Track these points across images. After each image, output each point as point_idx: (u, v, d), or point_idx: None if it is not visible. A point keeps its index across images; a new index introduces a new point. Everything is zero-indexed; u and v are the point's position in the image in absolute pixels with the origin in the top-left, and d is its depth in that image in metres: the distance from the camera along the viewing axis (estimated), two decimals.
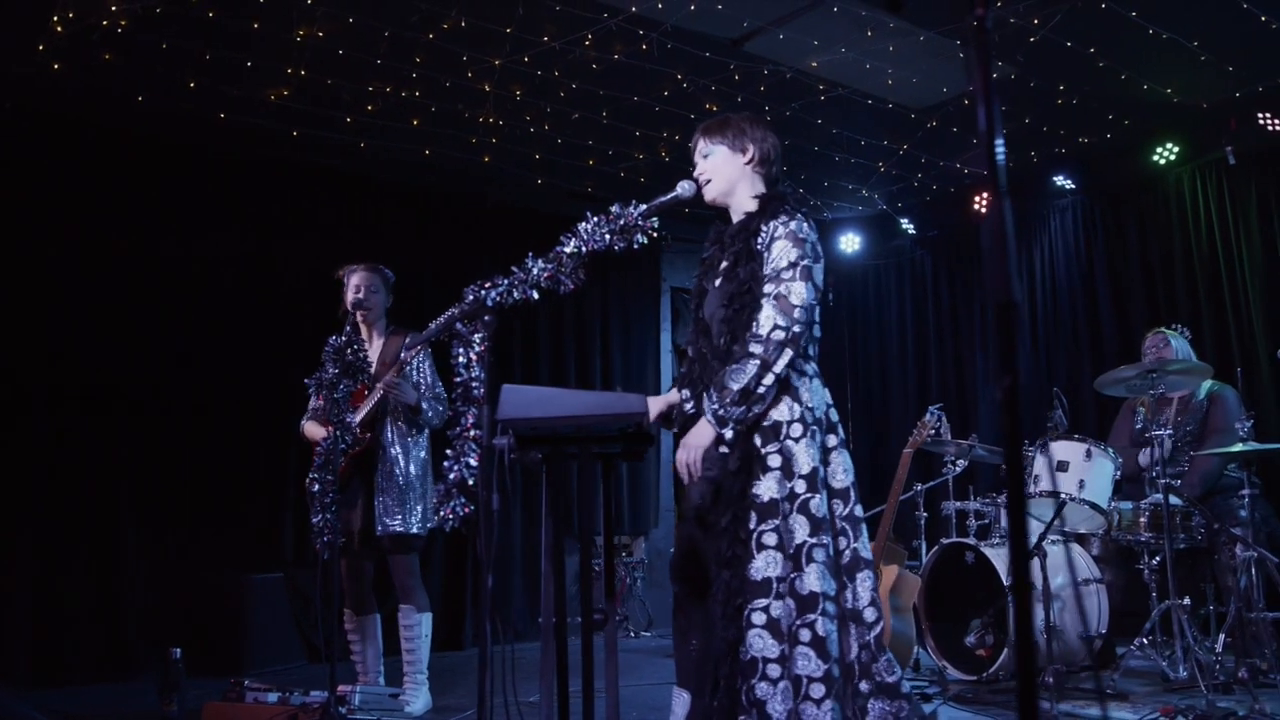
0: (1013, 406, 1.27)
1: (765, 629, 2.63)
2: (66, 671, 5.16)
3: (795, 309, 2.72)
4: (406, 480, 4.24)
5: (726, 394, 2.70)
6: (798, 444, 2.72)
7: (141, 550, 5.54)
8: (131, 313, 5.65)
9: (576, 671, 2.84)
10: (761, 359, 2.69)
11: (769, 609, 2.63)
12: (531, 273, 2.98)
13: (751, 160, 2.99)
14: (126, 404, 5.58)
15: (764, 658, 2.62)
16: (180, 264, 5.84)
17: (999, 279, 1.27)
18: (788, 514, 2.68)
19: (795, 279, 2.73)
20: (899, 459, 4.97)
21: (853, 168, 7.02)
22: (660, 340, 7.89)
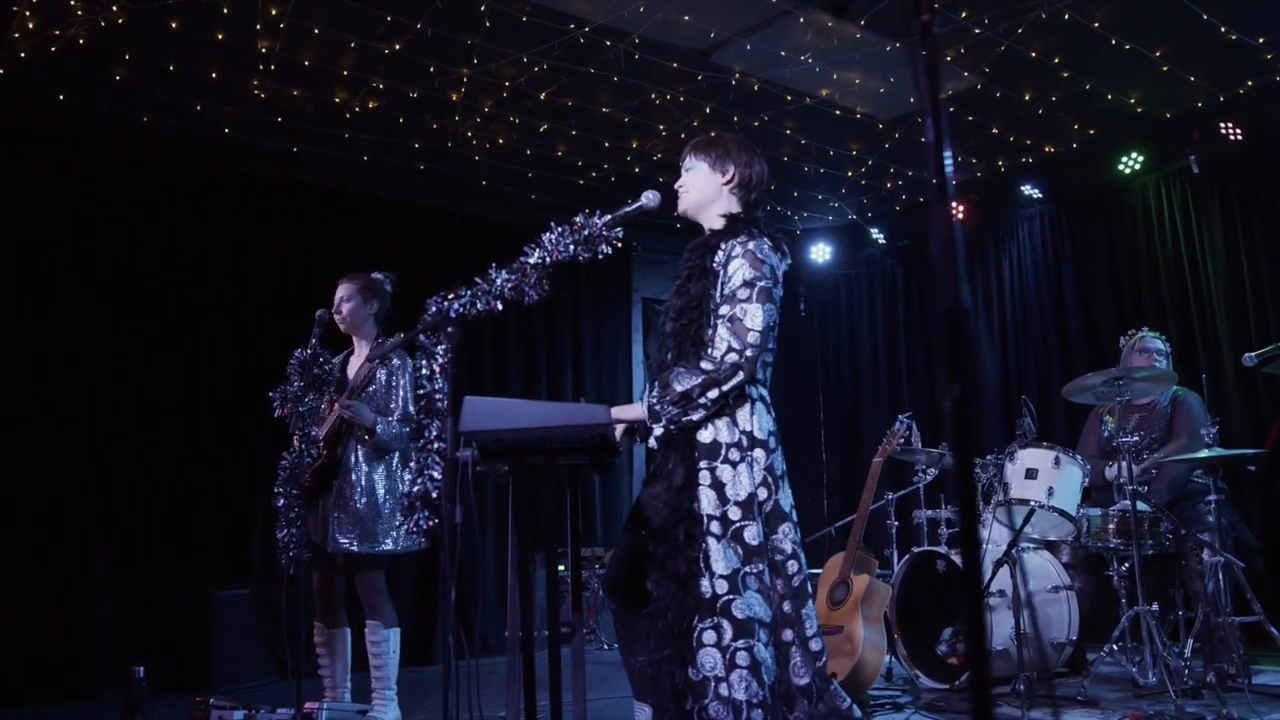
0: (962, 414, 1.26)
1: (714, 648, 2.60)
2: (30, 691, 5.07)
3: (750, 333, 2.67)
4: (368, 500, 4.10)
5: (667, 392, 2.67)
6: (734, 468, 2.67)
7: (107, 567, 5.45)
8: (96, 328, 5.58)
9: (544, 685, 2.82)
10: (710, 375, 2.66)
11: (718, 628, 2.61)
12: (495, 284, 2.97)
13: (730, 182, 2.96)
14: (92, 419, 5.51)
15: (715, 677, 2.59)
16: (145, 279, 5.78)
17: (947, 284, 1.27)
18: (720, 536, 2.64)
19: (751, 300, 2.68)
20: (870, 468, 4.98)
21: (822, 178, 7.04)
22: (632, 350, 7.87)
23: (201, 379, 5.84)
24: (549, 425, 2.56)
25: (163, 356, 5.75)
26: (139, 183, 5.81)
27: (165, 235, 5.86)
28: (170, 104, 5.51)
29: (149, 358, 5.71)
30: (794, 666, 2.69)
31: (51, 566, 5.28)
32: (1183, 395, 4.99)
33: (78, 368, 5.49)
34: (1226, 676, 4.21)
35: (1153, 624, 4.19)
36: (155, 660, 4.16)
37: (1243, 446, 5.04)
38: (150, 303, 5.76)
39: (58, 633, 5.24)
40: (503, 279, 2.97)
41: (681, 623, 2.63)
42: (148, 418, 5.67)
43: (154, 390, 5.70)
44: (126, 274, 5.71)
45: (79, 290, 5.55)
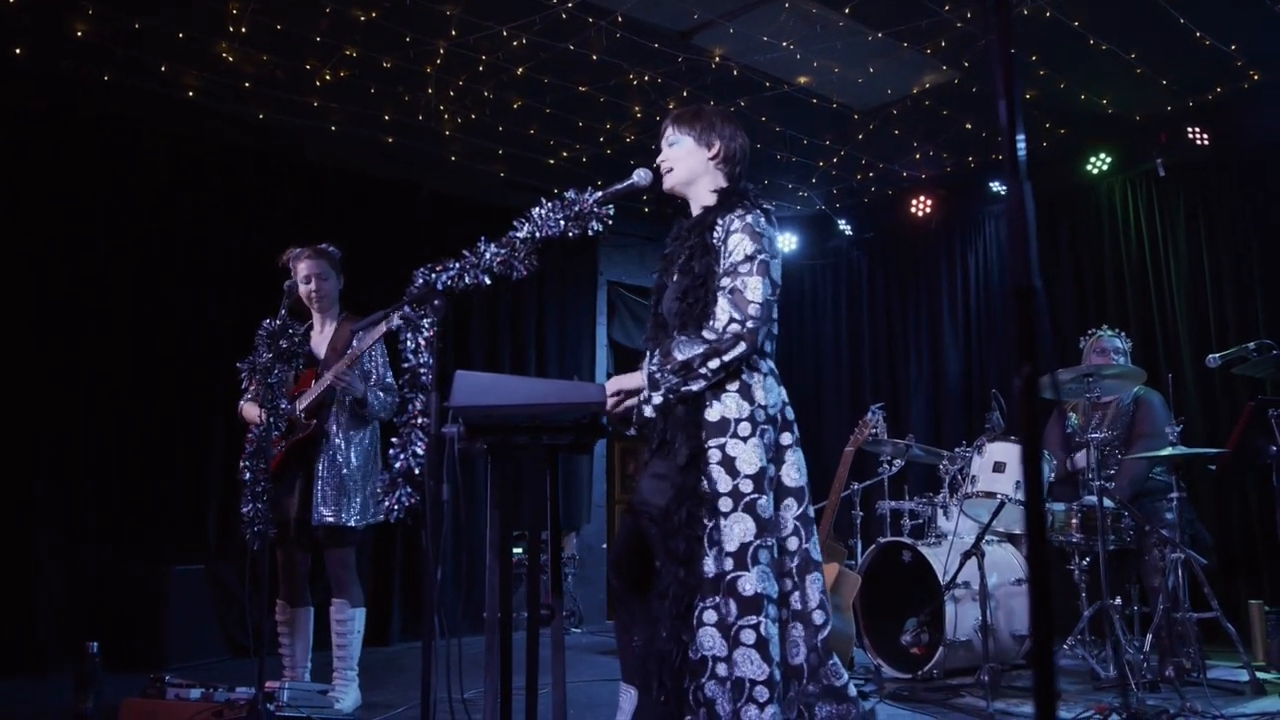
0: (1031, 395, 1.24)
1: (714, 628, 2.59)
2: None
3: (750, 304, 2.65)
4: (348, 471, 4.13)
5: (668, 360, 2.66)
6: (745, 443, 2.66)
7: (55, 540, 5.27)
8: (42, 294, 5.37)
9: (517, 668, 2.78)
10: (711, 345, 2.64)
11: (719, 607, 2.59)
12: (484, 257, 2.92)
13: (716, 156, 2.94)
14: (40, 387, 5.31)
15: (714, 656, 2.58)
16: (100, 247, 5.58)
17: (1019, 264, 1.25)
18: (730, 511, 2.64)
19: (752, 273, 2.67)
20: (835, 458, 4.99)
21: (793, 166, 7.04)
22: (596, 333, 7.82)
23: (156, 348, 5.66)
24: (544, 402, 2.51)
25: (115, 324, 5.56)
26: (95, 144, 5.60)
27: (122, 199, 5.66)
28: (133, 63, 5.33)
29: (100, 326, 5.52)
30: (790, 643, 2.69)
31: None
32: (1144, 394, 5.06)
33: (23, 335, 5.29)
34: (1184, 671, 4.29)
35: (1116, 618, 4.24)
36: (106, 636, 4.02)
37: (1201, 446, 5.13)
38: (103, 270, 5.56)
39: (4, 607, 5.07)
40: (491, 253, 2.92)
41: (683, 602, 2.62)
42: (99, 387, 5.48)
43: (106, 359, 5.52)
44: (77, 239, 5.50)
45: (23, 255, 5.33)
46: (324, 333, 4.32)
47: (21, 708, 4.26)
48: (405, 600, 6.43)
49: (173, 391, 5.67)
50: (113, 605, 5.27)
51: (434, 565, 2.60)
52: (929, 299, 7.59)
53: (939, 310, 7.49)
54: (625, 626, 2.95)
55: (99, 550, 5.37)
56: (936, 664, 4.56)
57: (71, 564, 5.28)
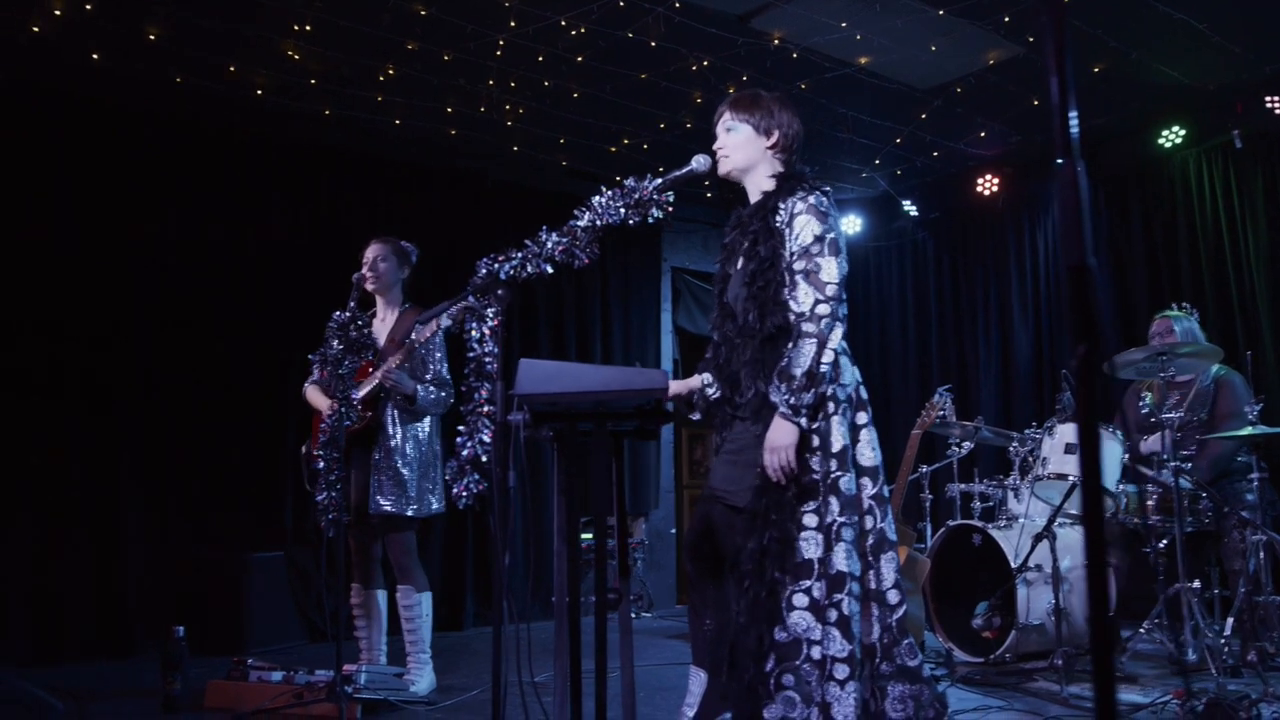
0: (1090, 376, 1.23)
1: (808, 610, 2.61)
2: (67, 650, 5.10)
3: (828, 284, 2.68)
4: (404, 461, 4.20)
5: (793, 381, 2.64)
6: (829, 422, 2.70)
7: (141, 528, 5.47)
8: (130, 291, 5.57)
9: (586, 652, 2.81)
10: (817, 337, 2.65)
11: (811, 590, 2.62)
12: (545, 246, 2.93)
13: (775, 145, 2.95)
14: (126, 381, 5.50)
15: (808, 639, 2.60)
16: (178, 243, 5.76)
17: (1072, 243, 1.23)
18: (818, 494, 2.66)
19: (824, 254, 2.70)
20: (903, 441, 4.95)
21: (856, 148, 6.96)
22: (660, 320, 7.83)
23: (233, 341, 5.83)
24: (607, 389, 2.53)
25: (194, 320, 5.74)
26: (169, 145, 5.77)
27: (196, 201, 5.82)
28: (202, 65, 5.46)
29: (180, 321, 5.70)
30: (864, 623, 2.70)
31: (87, 528, 5.29)
32: (1226, 375, 4.92)
33: (108, 330, 5.49)
34: (1266, 656, 4.18)
35: (1194, 601, 4.15)
36: (188, 621, 4.16)
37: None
38: (180, 266, 5.74)
39: (94, 593, 5.27)
40: (553, 242, 2.93)
41: (774, 586, 2.64)
42: (180, 379, 5.66)
43: (186, 352, 5.69)
44: (156, 237, 5.68)
45: (108, 253, 5.53)
46: (385, 321, 4.39)
47: (112, 689, 4.42)
48: (477, 586, 6.53)
49: (249, 383, 5.82)
50: (196, 591, 5.44)
51: (502, 551, 2.64)
52: (997, 279, 7.46)
53: (1007, 290, 7.36)
54: (698, 610, 2.98)
55: (182, 538, 5.55)
56: (1009, 648, 4.51)
57: (156, 552, 5.47)
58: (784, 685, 2.60)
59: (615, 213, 2.92)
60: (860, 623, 2.66)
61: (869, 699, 2.66)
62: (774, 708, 2.59)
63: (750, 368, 2.81)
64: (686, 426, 8.14)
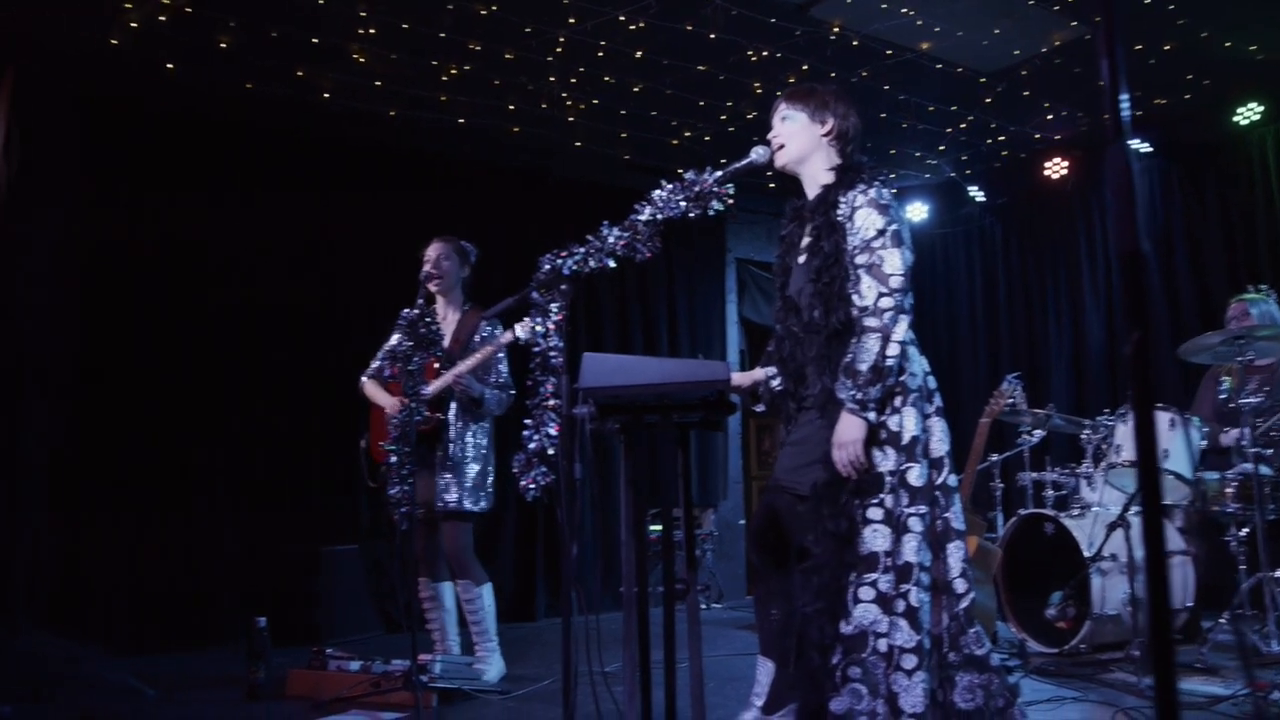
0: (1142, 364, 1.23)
1: (875, 603, 2.62)
2: (155, 640, 5.28)
3: (891, 277, 2.69)
4: (466, 459, 4.29)
5: (859, 377, 2.65)
6: (900, 414, 2.70)
7: (225, 523, 5.64)
8: (209, 292, 5.73)
9: (656, 643, 2.84)
10: (881, 330, 2.66)
11: (877, 583, 2.62)
12: (607, 241, 2.96)
13: (830, 133, 2.95)
14: (208, 379, 5.68)
15: (874, 631, 2.61)
16: (252, 244, 5.91)
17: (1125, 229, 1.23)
18: (888, 487, 2.66)
19: (887, 246, 2.70)
20: (971, 429, 4.90)
21: (920, 134, 6.89)
22: (725, 311, 7.84)
23: (308, 339, 5.98)
24: (670, 381, 2.56)
25: (271, 318, 5.89)
26: (241, 150, 5.93)
27: (267, 200, 5.95)
28: (272, 71, 5.60)
29: (258, 321, 5.86)
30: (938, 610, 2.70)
31: (172, 523, 5.47)
32: None
33: (190, 328, 5.67)
34: None
35: (1276, 591, 4.05)
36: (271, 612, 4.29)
37: None
38: (255, 267, 5.90)
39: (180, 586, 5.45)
40: (614, 236, 2.96)
41: (839, 578, 2.65)
42: (258, 377, 5.83)
43: (263, 350, 5.86)
44: (230, 239, 5.84)
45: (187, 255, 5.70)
46: (448, 320, 4.46)
47: (198, 678, 4.57)
48: (548, 578, 6.60)
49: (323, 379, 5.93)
50: (276, 583, 5.59)
51: (570, 543, 2.69)
52: (1067, 264, 7.33)
53: (1078, 275, 7.22)
54: (764, 601, 3.01)
55: (263, 532, 5.70)
56: (1084, 638, 4.45)
57: (239, 546, 5.64)
58: (850, 677, 2.61)
59: (676, 206, 2.94)
60: (929, 613, 2.66)
61: (936, 689, 2.65)
62: (841, 699, 2.60)
63: (816, 363, 2.81)
64: (754, 418, 8.14)
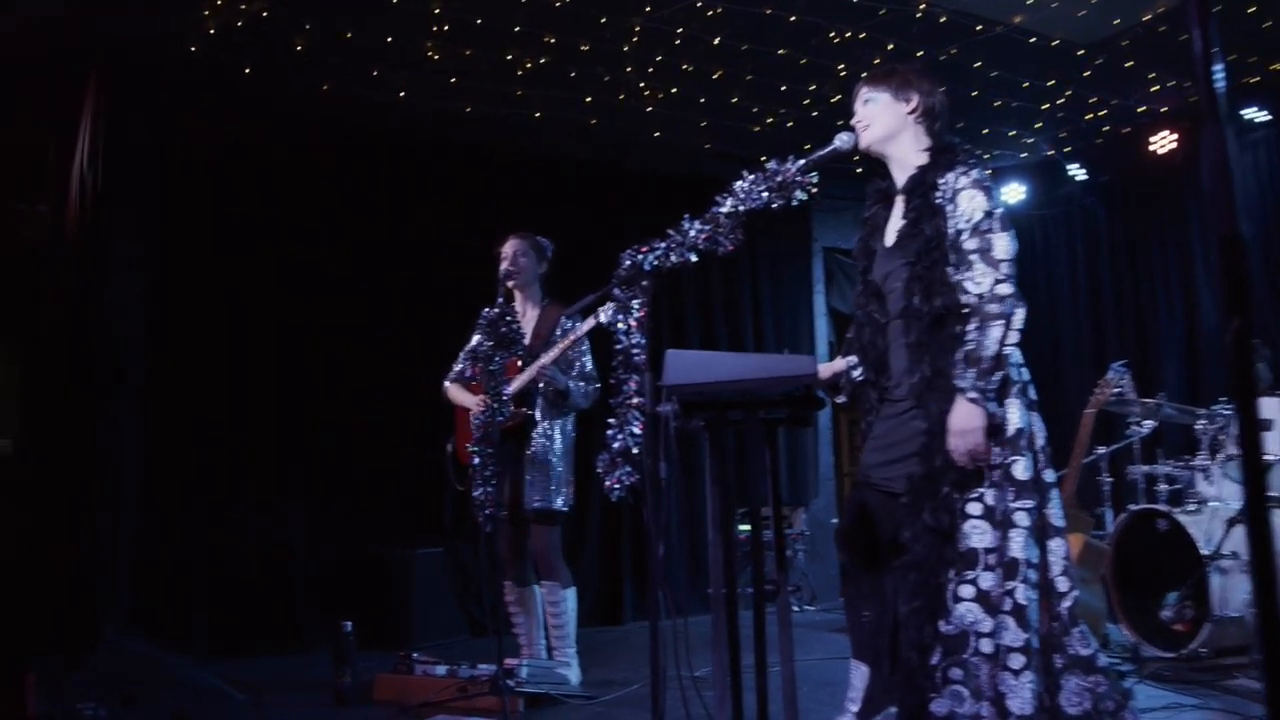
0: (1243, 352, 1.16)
1: (975, 602, 2.57)
2: (241, 644, 5.38)
3: (1003, 263, 2.63)
4: (554, 457, 4.30)
5: (981, 363, 2.59)
6: (1003, 405, 2.64)
7: (310, 527, 5.76)
8: (291, 293, 5.85)
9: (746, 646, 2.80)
10: (1003, 318, 2.60)
11: (977, 581, 2.57)
12: (688, 235, 2.93)
13: (915, 111, 2.88)
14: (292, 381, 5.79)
15: (976, 631, 2.56)
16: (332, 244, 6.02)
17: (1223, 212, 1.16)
18: (997, 482, 2.60)
19: (995, 230, 2.65)
20: (1076, 421, 4.75)
21: (1014, 112, 6.71)
22: (813, 303, 7.75)
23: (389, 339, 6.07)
24: (754, 377, 2.52)
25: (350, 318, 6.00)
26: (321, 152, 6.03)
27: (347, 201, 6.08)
28: (348, 72, 5.68)
29: (340, 320, 5.97)
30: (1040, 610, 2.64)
31: (257, 526, 5.61)
32: None
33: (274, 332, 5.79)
34: None
35: None
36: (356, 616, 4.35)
37: None
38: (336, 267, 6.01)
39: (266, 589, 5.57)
40: (696, 229, 2.93)
41: (937, 576, 2.61)
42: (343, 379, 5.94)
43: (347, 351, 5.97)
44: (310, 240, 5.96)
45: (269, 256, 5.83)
46: (527, 317, 4.48)
47: (285, 682, 4.66)
48: (635, 580, 6.60)
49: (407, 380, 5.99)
50: (362, 587, 5.69)
51: (656, 542, 2.67)
52: (1177, 243, 7.05)
53: (1189, 255, 6.94)
54: (854, 602, 2.96)
55: (348, 535, 5.81)
56: (1203, 642, 4.27)
57: (324, 549, 5.76)
58: (951, 679, 2.56)
59: (758, 197, 2.90)
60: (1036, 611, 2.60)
61: (1043, 693, 2.58)
62: (941, 701, 2.55)
63: (913, 351, 2.75)
64: (846, 412, 8.03)
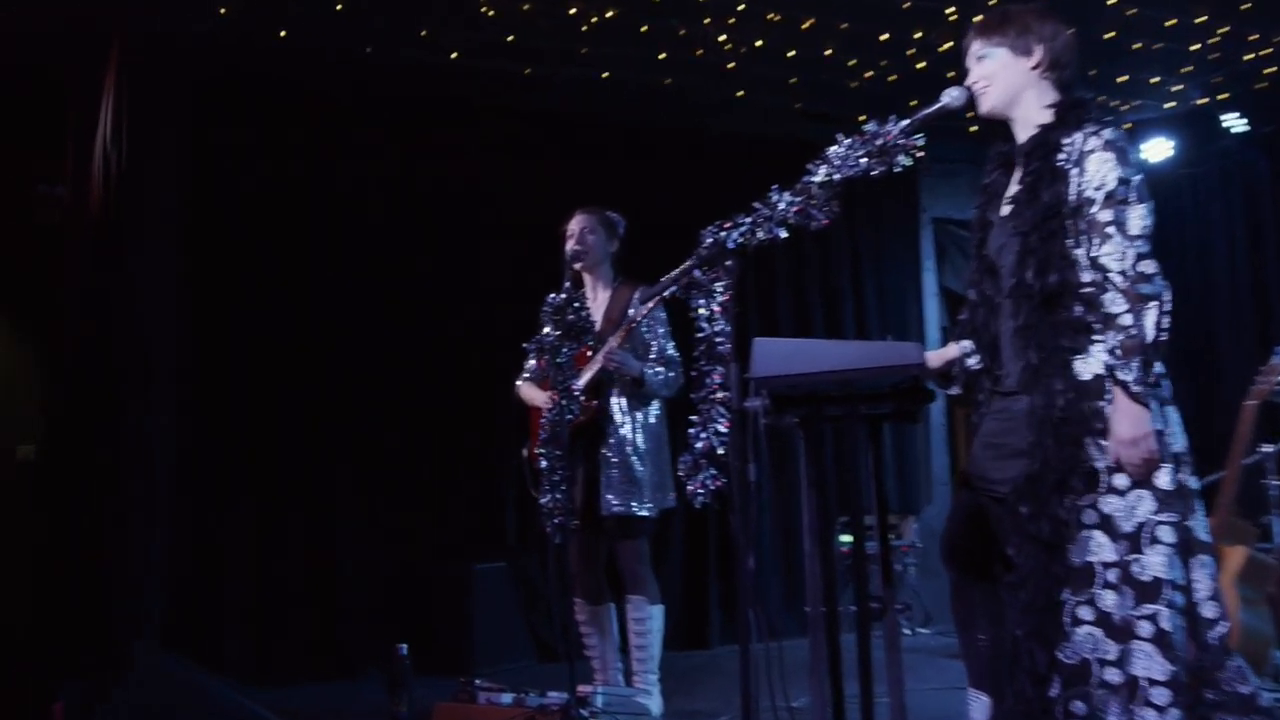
0: None
1: (1097, 626, 2.58)
2: (285, 669, 5.61)
3: (1139, 238, 2.63)
4: (635, 453, 4.36)
5: (1143, 354, 2.59)
6: None
7: (357, 540, 5.96)
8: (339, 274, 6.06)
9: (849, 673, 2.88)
10: (1157, 300, 2.60)
11: (1096, 601, 2.58)
12: (777, 208, 3.00)
13: (1040, 65, 2.89)
14: (337, 382, 6.00)
15: (1099, 659, 2.57)
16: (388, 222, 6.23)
17: None
18: (1125, 489, 2.61)
19: (1131, 201, 2.65)
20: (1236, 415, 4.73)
21: (1157, 55, 6.64)
22: (921, 281, 7.78)
23: (441, 330, 6.24)
24: (856, 367, 2.60)
25: (402, 307, 6.18)
26: (365, 122, 6.23)
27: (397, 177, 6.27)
28: (392, 32, 5.86)
29: (388, 309, 6.16)
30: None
31: (300, 539, 5.82)
32: None
33: (314, 323, 6.01)
34: None
35: None
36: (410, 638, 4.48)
37: None
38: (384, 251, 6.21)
39: (310, 609, 5.79)
40: (786, 202, 2.99)
41: (1049, 595, 2.62)
42: (393, 378, 6.12)
43: (396, 344, 6.15)
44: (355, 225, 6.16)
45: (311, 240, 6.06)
46: (598, 301, 4.58)
47: (335, 711, 4.84)
48: (723, 598, 6.67)
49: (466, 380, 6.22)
50: (415, 606, 5.89)
51: (746, 555, 2.75)
52: None
53: None
54: (965, 623, 2.97)
55: (400, 549, 6.02)
56: None
57: (373, 565, 5.96)
58: (1074, 713, 2.57)
59: (856, 163, 2.94)
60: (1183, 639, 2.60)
61: None
62: None
63: (1021, 334, 2.76)
64: (961, 406, 8.01)
